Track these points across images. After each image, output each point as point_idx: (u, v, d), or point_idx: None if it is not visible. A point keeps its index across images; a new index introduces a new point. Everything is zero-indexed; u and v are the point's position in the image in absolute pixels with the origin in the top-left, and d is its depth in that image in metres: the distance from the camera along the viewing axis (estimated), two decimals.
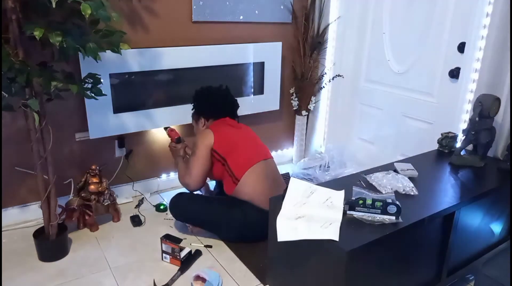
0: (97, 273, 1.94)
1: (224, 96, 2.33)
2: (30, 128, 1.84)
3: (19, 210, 2.33)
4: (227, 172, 2.16)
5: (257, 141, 2.30)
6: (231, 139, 2.19)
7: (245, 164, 2.15)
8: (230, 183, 2.17)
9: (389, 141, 2.84)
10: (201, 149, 2.15)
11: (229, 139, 2.18)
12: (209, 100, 2.31)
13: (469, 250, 1.93)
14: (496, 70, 2.05)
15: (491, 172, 2.00)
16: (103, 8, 1.68)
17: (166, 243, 2.00)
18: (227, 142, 2.17)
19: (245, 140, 2.25)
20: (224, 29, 2.69)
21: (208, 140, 2.15)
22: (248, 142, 2.25)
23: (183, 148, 2.38)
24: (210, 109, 2.31)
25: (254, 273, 1.97)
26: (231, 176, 2.15)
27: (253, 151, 2.22)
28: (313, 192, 1.67)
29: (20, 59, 1.70)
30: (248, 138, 2.28)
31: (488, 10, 2.12)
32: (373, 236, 1.40)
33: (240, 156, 2.16)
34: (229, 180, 2.17)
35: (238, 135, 2.24)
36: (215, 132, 2.17)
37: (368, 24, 2.84)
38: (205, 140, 2.16)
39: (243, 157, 2.16)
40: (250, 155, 2.19)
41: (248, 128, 2.35)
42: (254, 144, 2.27)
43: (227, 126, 2.24)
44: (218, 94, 2.32)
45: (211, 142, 2.15)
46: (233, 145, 2.17)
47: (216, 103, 2.30)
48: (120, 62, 2.28)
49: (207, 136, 2.17)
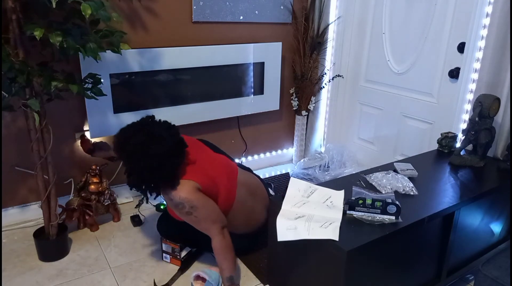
0: (97, 273, 1.94)
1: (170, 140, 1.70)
2: (30, 128, 1.84)
3: (19, 210, 2.33)
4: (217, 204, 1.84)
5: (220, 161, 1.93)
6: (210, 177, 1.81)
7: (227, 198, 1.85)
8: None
9: (389, 141, 2.84)
10: (196, 197, 1.71)
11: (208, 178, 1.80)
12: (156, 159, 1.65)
13: (469, 250, 1.93)
14: (496, 70, 2.05)
15: (491, 172, 2.00)
16: (103, 8, 1.68)
17: (166, 243, 2.00)
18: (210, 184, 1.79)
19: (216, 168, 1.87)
20: (224, 29, 2.69)
21: (193, 187, 1.71)
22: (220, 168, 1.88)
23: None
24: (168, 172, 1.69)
25: (254, 273, 1.97)
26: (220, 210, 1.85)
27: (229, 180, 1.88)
28: (313, 192, 1.67)
29: (20, 59, 1.70)
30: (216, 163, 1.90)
31: (488, 10, 2.12)
32: (373, 236, 1.40)
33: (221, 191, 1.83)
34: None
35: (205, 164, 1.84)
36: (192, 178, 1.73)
37: (368, 24, 2.84)
38: (191, 188, 1.71)
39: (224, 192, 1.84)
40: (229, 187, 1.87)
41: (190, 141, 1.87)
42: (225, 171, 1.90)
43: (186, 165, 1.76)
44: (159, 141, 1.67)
45: (196, 186, 1.72)
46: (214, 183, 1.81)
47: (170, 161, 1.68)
48: (120, 62, 2.28)
49: (189, 185, 1.71)
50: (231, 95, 2.78)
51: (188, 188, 1.69)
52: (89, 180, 2.25)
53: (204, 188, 1.75)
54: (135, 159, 1.66)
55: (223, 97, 2.74)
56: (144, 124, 1.74)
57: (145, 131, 1.69)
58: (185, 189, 1.69)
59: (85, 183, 2.26)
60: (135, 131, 1.70)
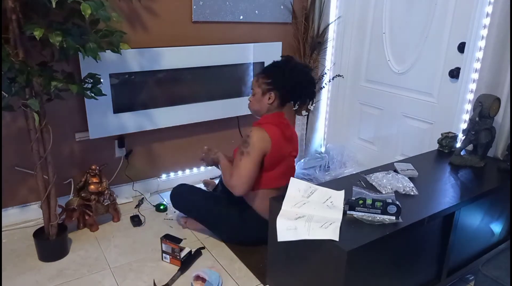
0: (97, 273, 1.94)
1: (310, 83, 2.05)
2: (30, 128, 1.84)
3: (19, 210, 2.33)
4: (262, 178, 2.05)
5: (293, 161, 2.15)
6: (281, 154, 2.02)
7: (273, 182, 2.04)
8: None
9: (389, 141, 2.84)
10: (257, 153, 1.93)
11: (280, 153, 2.02)
12: (298, 81, 2.00)
13: (469, 250, 1.93)
14: (496, 70, 2.05)
15: (491, 172, 2.00)
16: (103, 8, 1.68)
17: (166, 243, 2.00)
18: (277, 156, 2.00)
19: (288, 158, 2.09)
20: (224, 29, 2.69)
21: (265, 146, 1.94)
22: (290, 161, 2.11)
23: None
24: (294, 93, 2.04)
25: (254, 273, 1.97)
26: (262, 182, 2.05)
27: (287, 173, 2.06)
28: (313, 192, 1.67)
29: (20, 59, 1.70)
30: (291, 157, 2.11)
31: (488, 10, 2.12)
32: (373, 236, 1.40)
33: (275, 173, 2.03)
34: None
35: (287, 149, 2.06)
36: (273, 140, 1.96)
37: (368, 24, 2.84)
38: (263, 144, 1.94)
39: (276, 176, 2.04)
40: (282, 176, 2.05)
41: (294, 134, 2.16)
42: (291, 165, 2.13)
43: (282, 135, 2.01)
44: (307, 78, 2.03)
45: (267, 150, 1.95)
46: (279, 161, 2.02)
47: (303, 88, 2.03)
48: (120, 62, 2.28)
49: (265, 141, 1.94)
50: (231, 95, 2.78)
51: (262, 143, 1.94)
52: (88, 180, 2.25)
53: (273, 149, 1.96)
54: (291, 73, 2.01)
55: (223, 97, 2.74)
56: (303, 66, 2.12)
57: (305, 69, 2.09)
58: (262, 140, 1.94)
59: (85, 183, 2.26)
60: (298, 64, 2.09)
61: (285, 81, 2.00)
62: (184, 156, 2.84)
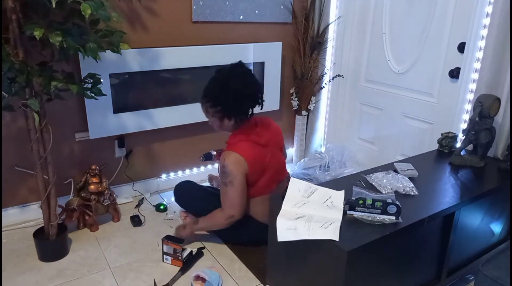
0: (97, 273, 1.94)
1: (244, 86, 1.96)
2: (30, 128, 1.84)
3: (19, 210, 2.33)
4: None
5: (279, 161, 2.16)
6: (262, 165, 2.04)
7: (262, 190, 2.08)
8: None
9: (389, 141, 2.84)
10: (238, 178, 1.96)
11: (261, 165, 2.04)
12: (230, 96, 1.94)
13: (469, 250, 1.93)
14: (496, 70, 2.05)
15: (491, 172, 2.00)
16: (103, 8, 1.68)
17: (167, 244, 1.99)
18: (258, 169, 2.03)
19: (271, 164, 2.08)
20: (224, 29, 2.69)
21: (243, 168, 1.97)
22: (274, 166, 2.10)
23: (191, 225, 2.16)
24: (234, 109, 1.99)
25: (254, 273, 1.97)
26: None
27: (274, 179, 2.11)
28: (313, 192, 1.67)
29: (20, 59, 1.70)
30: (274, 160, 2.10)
31: (488, 10, 2.12)
32: (373, 236, 1.40)
33: (261, 181, 2.06)
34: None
35: (266, 156, 2.05)
36: (247, 160, 1.97)
37: (368, 24, 2.84)
38: (241, 168, 1.96)
39: (265, 184, 2.08)
40: (270, 183, 2.09)
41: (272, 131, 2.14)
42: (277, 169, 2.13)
43: (255, 145, 2.01)
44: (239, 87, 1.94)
45: (246, 170, 1.98)
46: (262, 171, 2.05)
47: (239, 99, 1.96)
48: (120, 62, 2.28)
49: (241, 164, 1.96)
50: None
51: (239, 167, 1.96)
52: (88, 180, 2.25)
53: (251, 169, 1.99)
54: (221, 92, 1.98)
55: None
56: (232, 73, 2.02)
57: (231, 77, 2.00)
58: (238, 166, 1.96)
59: (84, 183, 2.26)
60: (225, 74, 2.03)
61: (228, 102, 1.96)
62: (184, 156, 2.84)
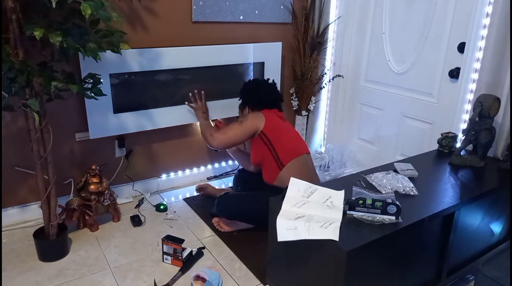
0: (97, 273, 1.94)
1: (270, 89, 2.41)
2: (30, 128, 1.84)
3: (19, 210, 2.33)
4: (273, 156, 2.22)
5: (300, 137, 2.39)
6: (280, 127, 2.27)
7: (292, 152, 2.23)
8: (274, 168, 2.23)
9: (389, 141, 2.84)
10: (249, 124, 2.23)
11: (278, 126, 2.26)
12: (254, 91, 2.39)
13: (469, 250, 1.93)
14: (496, 70, 2.05)
15: (491, 172, 2.00)
16: (103, 8, 1.68)
17: (167, 244, 1.99)
18: (276, 128, 2.24)
19: (291, 132, 2.33)
20: (224, 29, 2.69)
21: (258, 121, 2.23)
22: (294, 134, 2.34)
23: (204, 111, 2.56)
24: (256, 100, 2.37)
25: (254, 273, 1.97)
26: (276, 160, 2.22)
27: (298, 143, 2.30)
28: (313, 192, 1.67)
29: (20, 59, 1.70)
30: (294, 131, 2.37)
31: (488, 10, 2.12)
32: (373, 236, 1.40)
33: (287, 144, 2.24)
34: (273, 165, 2.23)
35: (285, 126, 2.32)
36: (266, 116, 2.25)
37: (368, 24, 2.84)
38: (256, 119, 2.24)
39: (290, 146, 2.24)
40: (296, 146, 2.27)
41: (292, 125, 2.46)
42: (299, 138, 2.36)
43: (276, 117, 2.32)
44: (264, 87, 2.40)
45: (260, 124, 2.22)
46: (281, 132, 2.25)
47: (261, 95, 2.36)
48: (120, 62, 2.28)
49: (258, 117, 2.25)
50: (231, 95, 2.77)
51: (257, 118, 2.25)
52: (89, 180, 2.25)
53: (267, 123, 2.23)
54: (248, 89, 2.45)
55: (223, 97, 2.74)
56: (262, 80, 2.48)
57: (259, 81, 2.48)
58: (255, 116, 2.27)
59: (85, 183, 2.26)
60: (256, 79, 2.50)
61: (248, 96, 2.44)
62: (184, 156, 2.85)
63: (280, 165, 2.21)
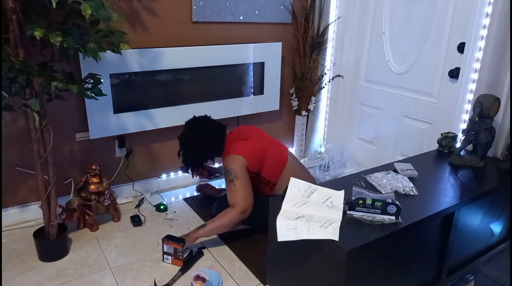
0: (97, 273, 1.94)
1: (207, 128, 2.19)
2: (30, 128, 1.84)
3: (19, 210, 2.33)
4: (263, 182, 2.21)
5: (272, 140, 2.30)
6: (258, 151, 2.16)
7: (277, 168, 2.19)
8: (267, 189, 2.23)
9: (389, 141, 2.84)
10: (241, 172, 2.05)
11: (257, 152, 2.15)
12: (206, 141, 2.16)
13: (469, 250, 1.93)
14: (496, 70, 2.05)
15: (491, 172, 2.00)
16: (103, 8, 1.68)
17: (168, 244, 1.99)
18: (257, 157, 2.14)
19: (263, 143, 2.21)
20: (224, 29, 2.69)
21: (242, 163, 2.07)
22: (267, 143, 2.23)
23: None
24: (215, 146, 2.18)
25: (254, 273, 1.97)
26: (267, 184, 2.21)
27: (277, 152, 2.23)
28: (313, 192, 1.67)
29: (20, 59, 1.70)
30: (266, 140, 2.25)
31: (488, 10, 2.12)
32: (373, 236, 1.40)
33: (270, 163, 2.17)
34: (266, 187, 2.22)
35: (257, 141, 2.20)
36: (242, 154, 2.09)
37: (368, 24, 2.84)
38: (240, 162, 2.07)
39: (273, 163, 2.18)
40: (278, 158, 2.20)
41: (249, 127, 2.34)
42: (273, 144, 2.25)
43: (240, 141, 2.17)
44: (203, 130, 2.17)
45: (245, 164, 2.08)
46: (261, 156, 2.15)
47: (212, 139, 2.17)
48: (120, 62, 2.28)
49: (239, 160, 2.08)
50: (231, 95, 2.78)
51: (239, 162, 2.07)
52: (89, 180, 2.25)
53: (250, 161, 2.09)
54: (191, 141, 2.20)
55: (223, 97, 2.74)
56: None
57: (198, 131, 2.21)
58: (235, 162, 2.07)
59: (85, 183, 2.26)
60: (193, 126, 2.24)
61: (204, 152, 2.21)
62: None
63: (272, 185, 2.21)
